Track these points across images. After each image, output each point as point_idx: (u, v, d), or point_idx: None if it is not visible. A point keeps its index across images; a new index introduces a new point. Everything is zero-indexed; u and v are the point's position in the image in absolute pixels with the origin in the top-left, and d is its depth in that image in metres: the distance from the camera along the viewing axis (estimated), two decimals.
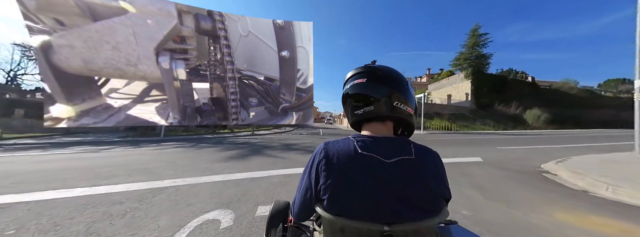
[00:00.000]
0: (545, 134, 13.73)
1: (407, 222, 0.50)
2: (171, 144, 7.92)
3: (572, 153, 5.47)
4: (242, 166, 4.12)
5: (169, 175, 3.40)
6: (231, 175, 3.39)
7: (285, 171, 3.69)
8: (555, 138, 10.64)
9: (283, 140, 9.67)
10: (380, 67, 0.69)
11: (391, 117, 0.64)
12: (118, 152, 6.07)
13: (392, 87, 0.62)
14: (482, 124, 20.88)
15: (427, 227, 0.52)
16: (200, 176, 3.32)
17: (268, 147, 7.04)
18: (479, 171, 3.70)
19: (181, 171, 3.70)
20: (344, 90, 0.69)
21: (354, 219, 0.51)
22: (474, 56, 25.52)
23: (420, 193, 0.53)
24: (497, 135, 13.04)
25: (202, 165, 4.17)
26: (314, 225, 0.80)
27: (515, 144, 7.78)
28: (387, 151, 0.56)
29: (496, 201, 2.35)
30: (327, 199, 0.54)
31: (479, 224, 1.80)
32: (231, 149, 6.55)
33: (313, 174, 0.59)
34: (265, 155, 5.47)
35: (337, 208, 0.53)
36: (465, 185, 2.92)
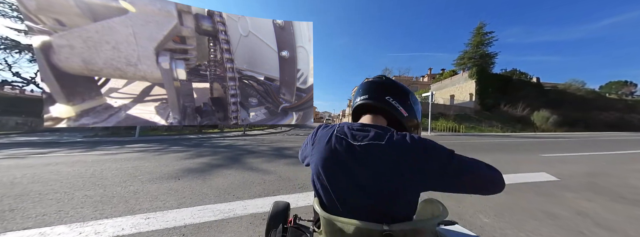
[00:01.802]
0: (565, 138, 12.87)
1: (405, 221, 0.51)
2: (136, 147, 6.79)
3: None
4: (195, 189, 2.72)
5: (36, 215, 1.94)
6: (151, 220, 1.87)
7: (259, 204, 2.22)
8: (584, 142, 9.71)
9: (275, 142, 8.55)
10: (389, 79, 0.78)
11: (383, 112, 0.70)
12: (48, 158, 4.81)
13: (389, 90, 0.70)
14: (489, 126, 20.57)
15: (428, 227, 0.53)
16: (91, 221, 1.84)
17: (253, 153, 5.78)
18: (590, 205, 2.38)
19: (75, 204, 2.23)
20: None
21: (350, 217, 0.52)
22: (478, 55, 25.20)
23: (374, 178, 0.54)
24: (513, 138, 12.29)
25: (132, 186, 2.83)
26: (314, 226, 0.81)
27: (554, 150, 6.69)
28: (358, 136, 0.60)
29: None
30: (319, 198, 0.61)
31: None
32: (204, 155, 5.39)
33: (308, 143, 0.72)
34: (243, 166, 4.14)
35: (328, 205, 0.58)
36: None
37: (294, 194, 2.57)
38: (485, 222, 1.92)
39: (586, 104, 26.59)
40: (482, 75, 24.88)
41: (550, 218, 2.03)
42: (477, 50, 25.41)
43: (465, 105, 24.95)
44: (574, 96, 27.74)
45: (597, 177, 3.63)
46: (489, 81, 24.93)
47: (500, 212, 2.12)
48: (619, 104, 28.08)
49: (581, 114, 24.26)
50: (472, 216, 2.04)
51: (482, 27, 25.33)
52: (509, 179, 3.32)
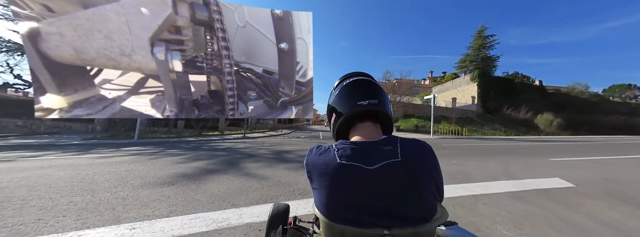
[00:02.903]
0: (571, 141, 12.76)
1: (406, 226, 0.50)
2: (132, 150, 6.66)
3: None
4: (188, 195, 2.59)
5: (13, 225, 1.80)
6: (137, 230, 1.74)
7: (256, 212, 2.09)
8: (591, 145, 9.66)
9: (275, 145, 8.35)
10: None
11: (383, 116, 0.65)
12: (41, 161, 4.70)
13: (385, 93, 0.66)
14: (492, 129, 20.41)
15: (427, 230, 0.52)
16: (70, 232, 1.71)
17: (252, 157, 5.62)
18: (616, 215, 2.21)
19: (57, 211, 2.10)
20: (339, 87, 0.68)
21: (352, 225, 0.51)
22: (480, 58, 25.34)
23: (410, 195, 0.52)
24: (517, 141, 12.18)
25: (122, 192, 2.69)
26: (314, 227, 0.81)
27: (562, 154, 6.57)
28: (370, 157, 0.55)
29: None
30: (321, 206, 0.55)
31: None
32: (200, 159, 5.24)
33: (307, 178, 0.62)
34: (240, 171, 4.01)
35: (332, 215, 0.54)
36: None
37: (294, 201, 2.46)
38: (506, 235, 1.78)
39: (590, 107, 26.47)
40: (484, 78, 24.98)
41: (575, 229, 1.89)
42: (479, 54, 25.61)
43: (468, 108, 24.89)
44: (577, 99, 27.66)
45: (615, 183, 3.46)
46: (491, 84, 24.98)
47: (520, 223, 1.98)
48: (623, 107, 27.95)
49: (585, 117, 24.13)
50: (490, 227, 1.91)
51: (484, 30, 25.59)
52: (521, 184, 3.24)
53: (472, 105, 25.05)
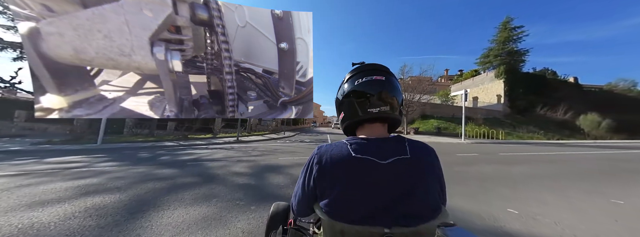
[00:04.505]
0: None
1: (407, 225, 0.50)
2: (60, 161, 5.04)
3: None
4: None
5: None
6: None
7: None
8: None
9: (266, 154, 6.56)
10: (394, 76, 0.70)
11: (392, 118, 0.66)
12: None
13: (401, 90, 0.65)
14: (527, 132, 18.39)
15: (428, 229, 0.52)
16: None
17: (210, 181, 3.52)
18: None
19: None
20: (350, 85, 0.65)
21: (354, 223, 0.51)
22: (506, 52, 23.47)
23: (417, 193, 0.53)
24: (571, 147, 9.75)
25: None
26: (314, 227, 0.81)
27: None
28: (382, 152, 0.56)
29: None
30: (325, 205, 0.55)
31: None
32: (111, 185, 3.26)
33: (308, 179, 0.61)
34: (191, 207, 2.46)
35: (336, 213, 0.54)
36: None
37: None
38: None
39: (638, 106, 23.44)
40: (512, 74, 23.10)
41: None
42: (504, 47, 23.71)
43: (493, 108, 23.32)
44: (623, 98, 24.65)
45: None
46: (519, 81, 23.07)
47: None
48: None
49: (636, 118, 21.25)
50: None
51: (509, 22, 23.57)
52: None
53: (498, 104, 23.40)
